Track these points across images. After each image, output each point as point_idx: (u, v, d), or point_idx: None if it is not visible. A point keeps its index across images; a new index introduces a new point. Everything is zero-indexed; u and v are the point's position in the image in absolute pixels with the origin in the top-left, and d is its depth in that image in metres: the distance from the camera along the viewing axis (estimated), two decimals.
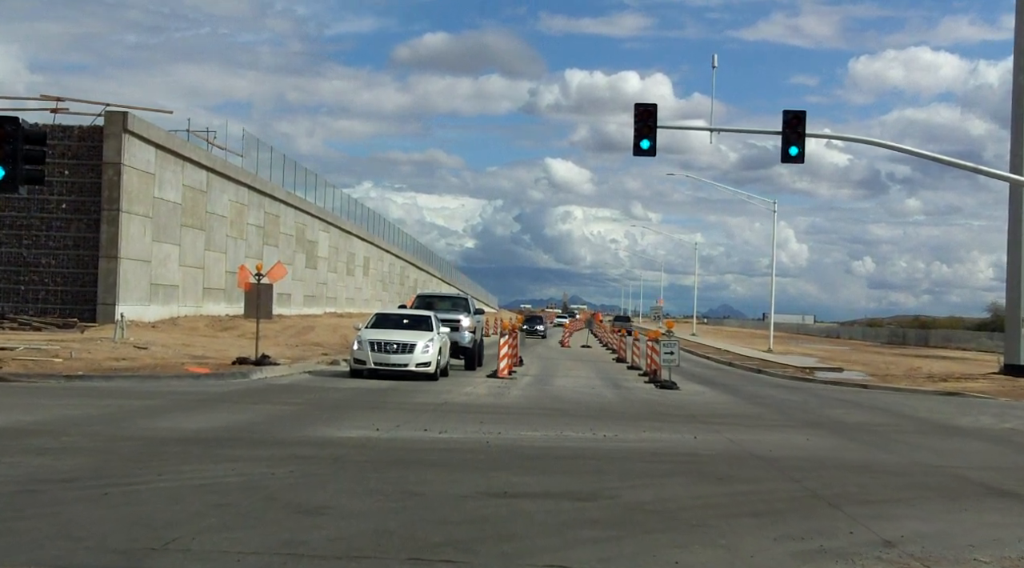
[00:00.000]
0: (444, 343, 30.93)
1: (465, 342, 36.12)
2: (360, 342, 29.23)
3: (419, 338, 29.18)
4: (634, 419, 20.44)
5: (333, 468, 11.77)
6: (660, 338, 33.81)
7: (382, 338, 29.12)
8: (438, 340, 29.77)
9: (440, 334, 30.46)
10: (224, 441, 13.70)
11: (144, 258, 46.01)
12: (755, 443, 16.53)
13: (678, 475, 12.36)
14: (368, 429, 16.03)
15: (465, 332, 36.32)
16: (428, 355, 28.87)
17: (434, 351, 29.06)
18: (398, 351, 28.73)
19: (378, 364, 28.63)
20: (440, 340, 30.06)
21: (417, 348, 28.79)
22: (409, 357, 28.65)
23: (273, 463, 11.82)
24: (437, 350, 29.29)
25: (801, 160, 35.40)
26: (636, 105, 35.47)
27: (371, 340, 29.02)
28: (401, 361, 28.61)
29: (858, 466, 14.09)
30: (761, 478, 12.44)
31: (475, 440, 15.24)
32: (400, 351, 28.72)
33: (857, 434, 19.31)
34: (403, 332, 29.69)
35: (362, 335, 29.65)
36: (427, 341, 29.14)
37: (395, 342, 28.90)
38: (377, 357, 28.76)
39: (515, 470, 12.22)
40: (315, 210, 73.15)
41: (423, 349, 28.86)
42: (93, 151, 44.15)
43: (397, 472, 11.64)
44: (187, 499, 9.48)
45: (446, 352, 31.57)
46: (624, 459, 13.70)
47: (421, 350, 28.81)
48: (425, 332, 29.88)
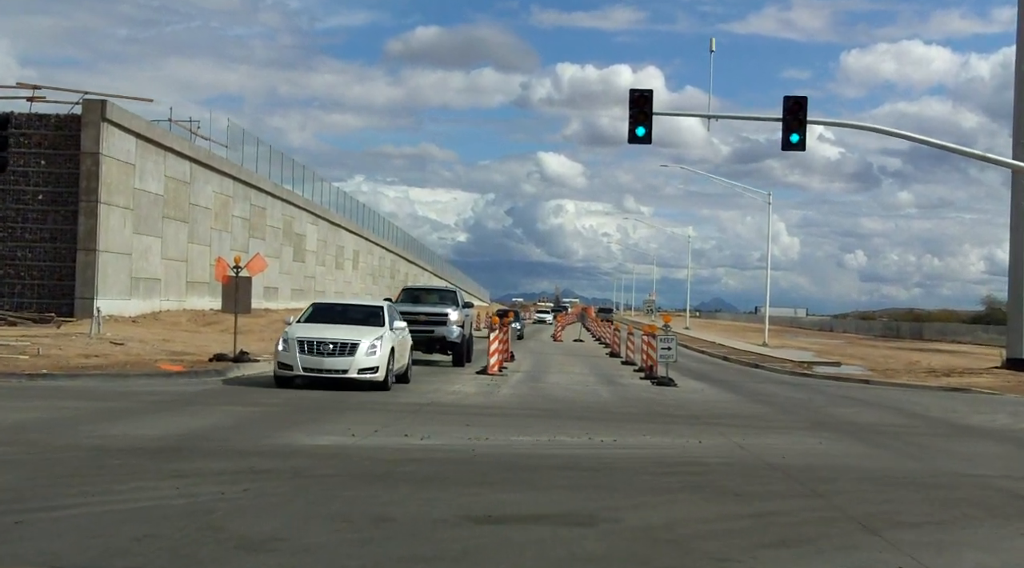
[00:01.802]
0: (401, 341, 25.12)
1: (453, 337, 34.17)
2: (287, 341, 23.12)
3: (364, 336, 23.20)
4: (633, 421, 19.07)
5: (294, 485, 10.31)
6: (657, 333, 32.50)
7: (315, 336, 22.99)
8: (390, 338, 23.92)
9: (396, 330, 24.63)
10: (177, 451, 12.24)
11: (124, 251, 44.61)
12: (766, 448, 15.15)
13: (687, 490, 10.92)
14: (343, 434, 14.60)
15: (453, 327, 34.29)
16: (375, 358, 22.98)
17: (383, 353, 23.18)
18: (335, 353, 22.78)
19: (309, 370, 22.70)
20: (394, 338, 24.26)
21: (360, 349, 22.86)
22: (349, 361, 22.71)
23: (225, 480, 10.35)
24: (388, 351, 23.40)
25: (802, 147, 34.08)
26: (631, 91, 34.11)
27: (301, 339, 22.89)
28: (339, 365, 22.72)
29: (883, 477, 12.68)
30: (781, 493, 11.02)
31: (459, 447, 13.79)
32: (338, 353, 22.78)
33: (872, 437, 17.95)
34: (344, 328, 23.73)
35: (290, 332, 23.48)
36: (374, 339, 23.21)
37: (332, 341, 22.91)
38: (308, 360, 22.70)
39: (503, 485, 10.77)
40: (303, 202, 71.79)
41: (368, 350, 22.94)
42: (71, 140, 42.75)
43: (367, 489, 10.19)
44: (110, 530, 7.99)
45: (406, 353, 25.97)
46: (625, 470, 12.25)
47: (365, 351, 22.89)
48: (372, 328, 23.94)
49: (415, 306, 35.12)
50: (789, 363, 47.14)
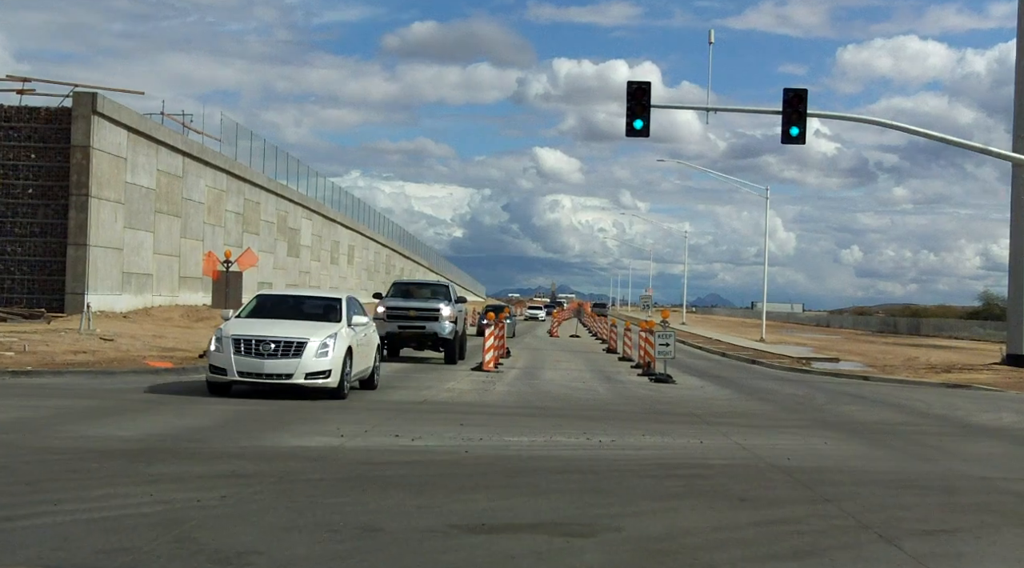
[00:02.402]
0: (364, 340, 21.49)
1: (445, 333, 32.97)
2: (220, 340, 19.43)
3: (314, 333, 19.49)
4: (631, 419, 18.55)
5: (277, 491, 9.76)
6: (655, 328, 32.01)
7: (254, 333, 19.34)
8: (348, 336, 20.17)
9: (356, 327, 20.99)
10: (157, 453, 11.68)
11: (115, 245, 44.10)
12: (770, 449, 14.62)
13: (691, 495, 10.36)
14: (332, 435, 14.06)
15: (445, 323, 33.02)
16: (326, 360, 19.25)
17: (338, 353, 19.50)
18: (278, 353, 19.09)
19: (245, 374, 19.02)
20: (353, 336, 20.53)
21: (309, 349, 19.12)
22: (295, 363, 19.03)
23: (204, 484, 9.80)
24: (344, 352, 19.69)
25: (802, 141, 33.63)
26: (629, 83, 33.62)
27: (237, 337, 19.22)
28: (281, 369, 19.02)
29: (894, 480, 12.15)
30: (790, 499, 10.47)
31: (453, 449, 13.25)
32: (281, 353, 19.11)
33: (878, 436, 17.44)
34: (291, 325, 20.09)
35: (225, 329, 19.78)
36: (326, 338, 19.45)
37: (274, 339, 19.19)
38: (244, 363, 19.00)
39: (497, 490, 10.23)
40: (297, 197, 71.26)
41: (318, 350, 19.23)
42: (61, 134, 42.23)
43: (354, 495, 9.64)
44: (77, 542, 7.44)
45: (371, 354, 22.37)
46: (625, 473, 11.70)
47: (315, 352, 19.19)
48: (326, 324, 20.33)
49: (406, 301, 34.10)
50: (787, 359, 46.73)
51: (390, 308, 33.23)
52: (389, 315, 32.92)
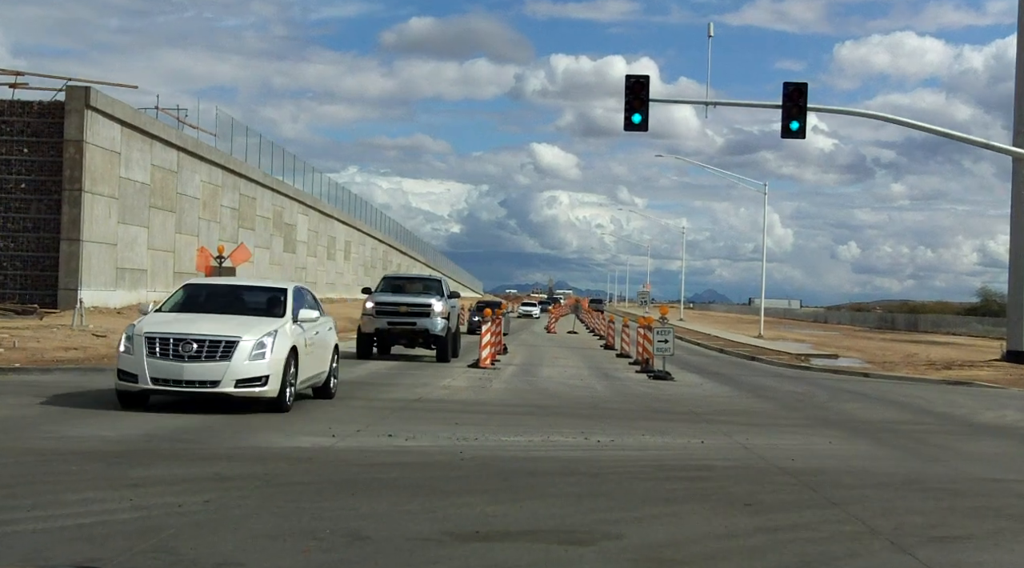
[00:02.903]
0: (315, 340, 17.95)
1: (437, 330, 31.51)
2: (131, 339, 15.91)
3: (248, 331, 15.99)
4: (630, 418, 18.17)
5: (262, 495, 9.35)
6: (653, 325, 31.64)
7: (172, 331, 15.81)
8: (292, 335, 16.70)
9: (304, 323, 17.46)
10: (140, 455, 11.27)
11: (109, 241, 43.72)
12: (773, 449, 14.24)
13: (694, 500, 9.97)
14: (323, 434, 13.65)
15: (437, 319, 31.56)
16: (263, 363, 15.75)
17: (278, 355, 15.97)
18: (201, 356, 15.59)
19: (160, 381, 15.54)
20: (300, 335, 17.08)
21: (241, 350, 15.62)
22: (222, 368, 15.56)
23: (187, 488, 9.39)
24: (287, 354, 16.16)
25: (802, 135, 33.35)
26: (627, 77, 33.27)
27: (151, 335, 15.72)
28: (205, 374, 15.54)
29: (902, 482, 11.76)
30: (796, 503, 10.08)
31: (447, 449, 12.85)
32: (206, 356, 15.61)
33: (882, 436, 17.07)
34: (221, 320, 16.55)
35: (139, 325, 16.18)
36: (263, 336, 15.96)
37: (197, 338, 15.67)
38: (159, 368, 15.50)
39: (492, 494, 9.82)
40: (293, 192, 70.91)
41: (253, 352, 15.72)
42: (54, 128, 41.87)
43: (343, 500, 9.24)
44: (47, 552, 7.01)
45: (325, 356, 18.69)
46: (625, 475, 11.31)
47: (249, 354, 15.67)
48: (265, 320, 16.80)
49: (396, 296, 32.78)
50: (786, 355, 46.44)
51: (379, 303, 31.92)
52: (379, 311, 31.66)
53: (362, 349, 31.64)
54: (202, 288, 18.92)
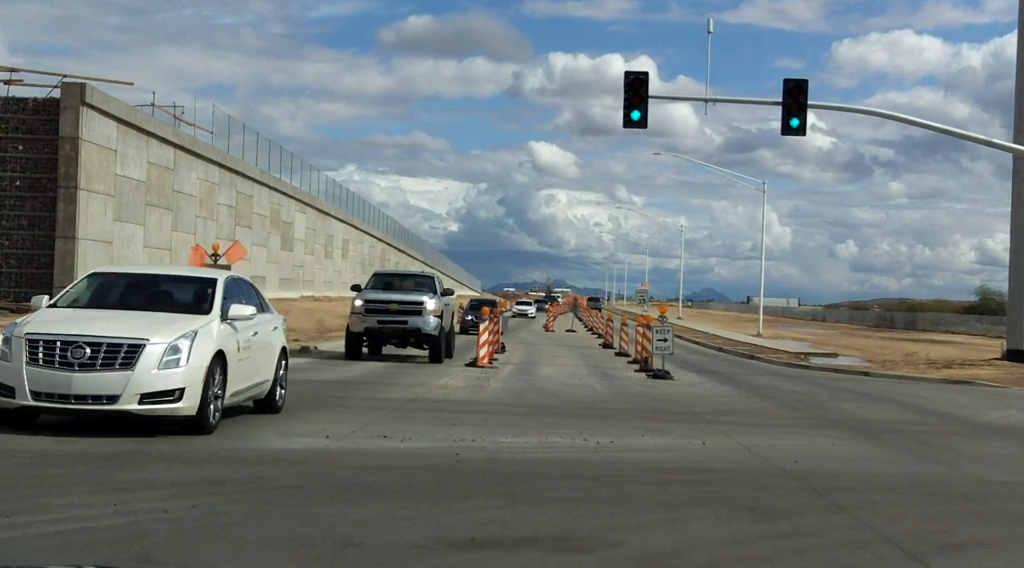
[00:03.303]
0: (257, 343, 14.91)
1: (429, 329, 30.08)
2: (9, 341, 12.91)
3: (160, 330, 12.87)
4: (630, 418, 17.90)
5: (251, 500, 9.05)
6: (652, 324, 31.38)
7: (61, 331, 12.78)
8: (219, 336, 13.47)
9: (238, 322, 14.16)
10: (129, 457, 10.97)
11: (105, 239, 43.40)
12: (776, 451, 13.96)
13: (697, 504, 9.66)
14: (317, 436, 13.36)
15: (429, 317, 30.13)
16: (176, 373, 12.61)
17: (198, 362, 12.81)
18: (96, 362, 12.51)
19: (43, 395, 12.47)
20: (231, 336, 13.81)
21: (148, 355, 12.51)
22: (123, 378, 12.47)
23: (174, 493, 9.11)
24: (210, 359, 12.98)
25: (803, 132, 33.11)
26: (626, 73, 33.00)
27: (34, 337, 12.71)
28: (100, 387, 12.47)
29: (910, 485, 11.49)
30: (801, 507, 9.79)
31: (442, 451, 12.55)
32: (102, 362, 12.52)
33: (886, 436, 16.79)
34: (126, 317, 13.40)
35: (23, 325, 13.19)
36: (178, 338, 12.79)
37: (91, 340, 12.61)
38: (42, 379, 12.46)
39: (488, 498, 9.54)
40: (291, 190, 70.58)
41: (165, 358, 12.58)
42: (49, 125, 41.49)
43: (335, 505, 8.94)
44: (23, 561, 6.68)
45: (270, 361, 15.60)
46: (625, 478, 11.00)
47: (159, 360, 12.55)
48: (184, 317, 13.57)
49: (386, 293, 31.39)
50: (784, 354, 46.19)
51: (369, 301, 30.56)
52: (368, 309, 30.28)
53: (351, 349, 30.38)
54: (111, 278, 15.49)
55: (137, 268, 17.97)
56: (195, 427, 12.96)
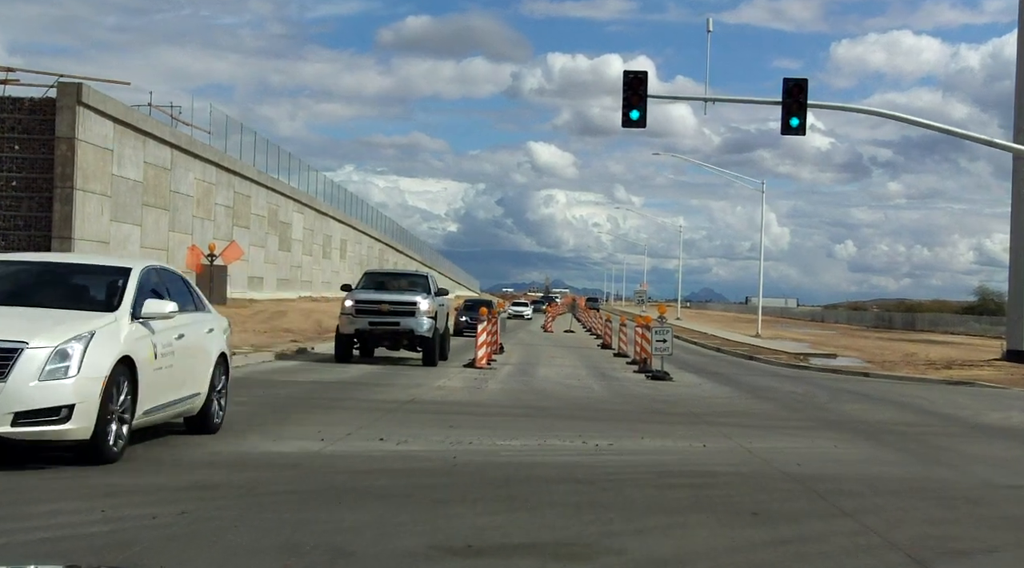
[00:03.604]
0: (183, 349, 12.26)
1: (423, 330, 28.91)
2: None
3: (45, 332, 10.19)
4: (629, 420, 17.70)
5: (242, 506, 8.81)
6: (652, 324, 31.19)
7: None
8: (125, 338, 10.87)
9: (154, 321, 11.51)
10: (118, 461, 10.80)
11: (102, 239, 43.21)
12: (777, 453, 13.75)
13: (698, 509, 9.44)
14: (312, 438, 13.12)
15: (423, 318, 28.96)
16: (65, 386, 10.01)
17: (93, 372, 10.16)
18: None
19: None
20: (145, 338, 11.26)
21: (23, 365, 9.90)
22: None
23: (164, 497, 8.90)
24: (110, 367, 10.33)
25: (803, 132, 32.95)
26: (625, 72, 32.85)
27: None
28: None
29: (915, 488, 11.28)
30: (805, 512, 9.57)
31: (439, 454, 12.33)
32: None
33: (888, 438, 16.59)
34: (4, 316, 10.67)
35: None
36: (68, 341, 10.13)
37: None
38: None
39: (485, 503, 9.32)
40: (289, 190, 70.39)
41: (49, 366, 9.98)
42: (45, 125, 41.32)
43: (328, 510, 8.70)
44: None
45: (205, 371, 13.15)
46: (626, 482, 10.80)
47: (40, 370, 9.94)
48: (81, 315, 10.89)
49: (378, 293, 30.19)
50: (783, 355, 46.04)
51: (360, 302, 29.33)
52: (359, 310, 29.12)
53: (341, 351, 29.40)
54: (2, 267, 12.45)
55: (29, 256, 15.25)
56: (91, 455, 10.37)
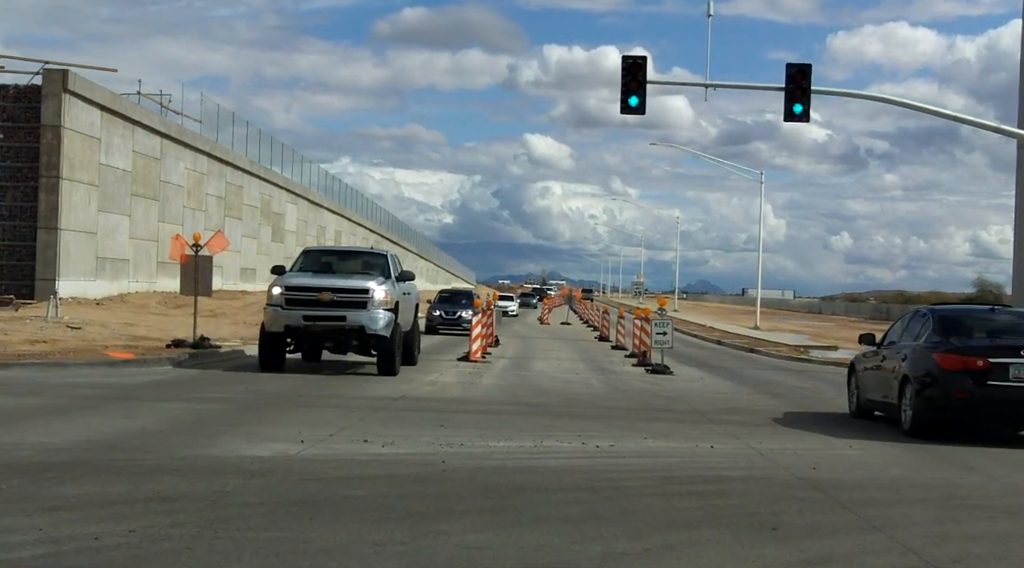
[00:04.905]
0: None
1: (377, 327, 21.66)
2: None
3: None
4: (630, 418, 16.77)
5: (203, 521, 7.83)
6: (651, 316, 30.28)
7: None
8: None
9: None
10: (75, 467, 9.75)
11: (89, 229, 42.32)
12: (790, 455, 12.81)
13: (710, 522, 8.47)
14: (291, 440, 12.15)
15: (378, 311, 21.72)
16: None
17: None
18: None
19: None
20: None
21: None
22: None
23: (115, 512, 7.92)
24: None
25: (806, 118, 31.95)
26: (624, 57, 31.88)
27: None
28: None
29: (944, 496, 10.29)
30: (831, 526, 8.61)
31: (427, 458, 11.36)
32: None
33: (904, 437, 15.65)
34: None
35: None
36: None
37: None
38: None
39: (476, 516, 8.37)
40: (282, 181, 69.43)
41: None
42: (30, 113, 40.48)
43: (298, 527, 7.74)
44: None
45: None
46: (630, 490, 9.82)
47: None
48: None
49: (317, 278, 22.77)
50: (784, 347, 45.19)
51: (291, 289, 22.02)
52: (290, 299, 21.78)
53: (267, 356, 22.34)
54: None
55: None
56: None
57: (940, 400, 14.93)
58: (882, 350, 17.50)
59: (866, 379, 17.98)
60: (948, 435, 15.17)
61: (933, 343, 15.40)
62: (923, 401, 15.13)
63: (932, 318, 16.13)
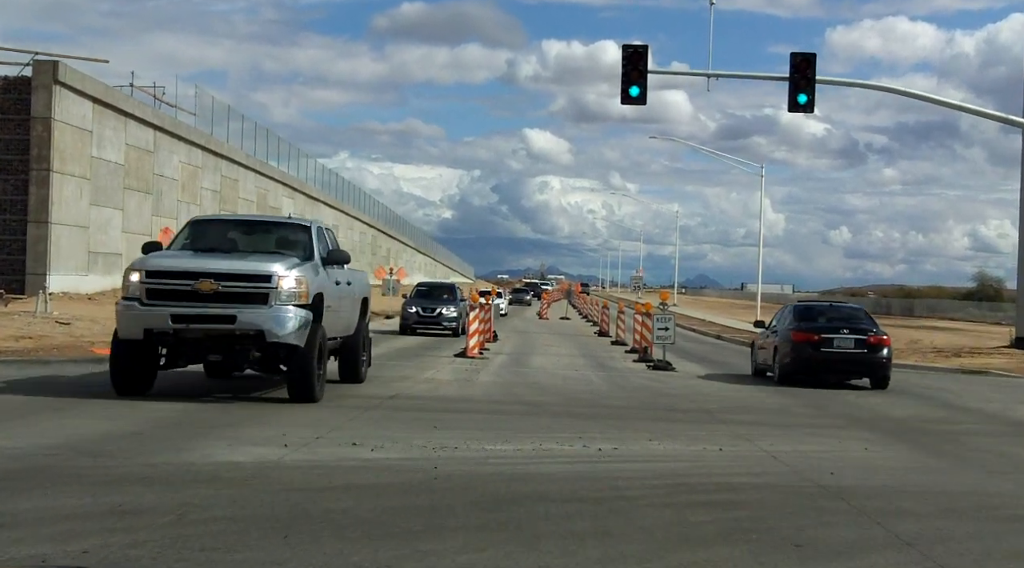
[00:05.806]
0: None
1: (283, 332, 15.04)
2: None
3: None
4: (633, 417, 16.01)
5: (164, 540, 7.03)
6: (652, 311, 29.55)
7: None
8: None
9: None
10: (32, 475, 8.96)
11: (81, 223, 41.59)
12: (805, 459, 12.04)
13: (726, 538, 7.68)
14: (273, 444, 11.36)
15: (285, 308, 15.15)
16: None
17: None
18: None
19: None
20: None
21: None
22: None
23: (67, 529, 7.15)
24: None
25: (811, 109, 31.27)
26: (624, 47, 31.29)
27: None
28: None
29: (976, 506, 9.50)
30: (859, 542, 7.81)
31: (418, 464, 10.57)
32: None
33: (923, 439, 14.88)
34: None
35: None
36: None
37: None
38: None
39: (469, 533, 7.59)
40: (278, 175, 68.69)
41: None
42: (20, 105, 39.78)
43: (270, 547, 6.95)
44: None
45: None
46: (637, 500, 9.04)
47: None
48: None
49: (199, 259, 15.90)
50: None
51: (154, 275, 15.44)
52: (153, 290, 15.30)
53: (120, 373, 15.72)
54: None
55: None
56: None
57: (793, 361, 23.39)
58: (767, 331, 25.84)
59: (758, 351, 26.48)
60: (801, 382, 22.90)
61: (791, 326, 23.76)
62: (784, 362, 23.58)
63: (792, 310, 25.10)
